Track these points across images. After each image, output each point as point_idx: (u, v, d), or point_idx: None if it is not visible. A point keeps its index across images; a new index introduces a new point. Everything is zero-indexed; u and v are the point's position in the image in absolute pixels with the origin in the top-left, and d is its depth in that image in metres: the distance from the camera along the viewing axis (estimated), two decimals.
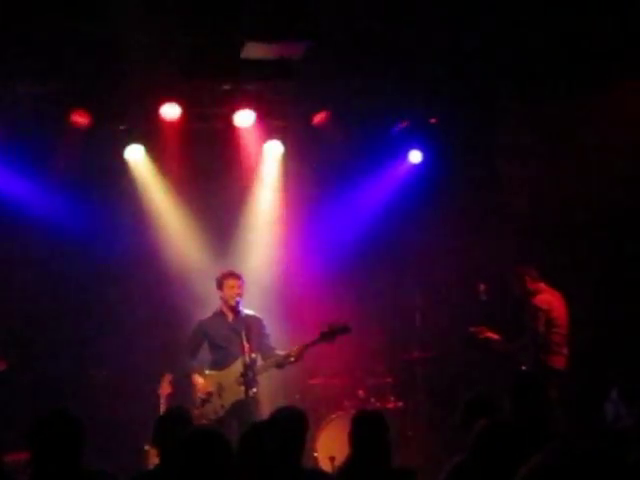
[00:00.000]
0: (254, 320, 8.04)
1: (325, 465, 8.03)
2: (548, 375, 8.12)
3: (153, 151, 9.29)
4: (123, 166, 9.27)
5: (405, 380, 9.36)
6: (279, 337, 8.33)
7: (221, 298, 8.14)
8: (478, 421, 4.99)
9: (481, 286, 8.64)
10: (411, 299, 9.75)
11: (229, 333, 8.03)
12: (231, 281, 8.07)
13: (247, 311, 8.09)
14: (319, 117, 9.29)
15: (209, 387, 7.90)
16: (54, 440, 4.05)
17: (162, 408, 7.77)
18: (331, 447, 8.09)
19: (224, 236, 9.59)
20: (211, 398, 7.88)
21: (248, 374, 7.62)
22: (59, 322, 9.06)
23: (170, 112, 8.77)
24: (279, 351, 8.00)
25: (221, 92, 8.72)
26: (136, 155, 9.29)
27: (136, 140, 9.19)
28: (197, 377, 7.97)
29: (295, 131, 9.51)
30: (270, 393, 8.59)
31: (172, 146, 9.13)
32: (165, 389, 7.93)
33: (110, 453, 8.02)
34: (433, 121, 9.51)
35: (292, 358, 7.90)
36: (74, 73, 7.93)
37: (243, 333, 7.62)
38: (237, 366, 7.75)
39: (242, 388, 7.64)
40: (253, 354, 7.76)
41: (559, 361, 8.39)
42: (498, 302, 8.87)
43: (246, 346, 7.58)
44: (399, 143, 9.74)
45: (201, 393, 7.89)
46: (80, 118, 8.71)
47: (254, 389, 7.79)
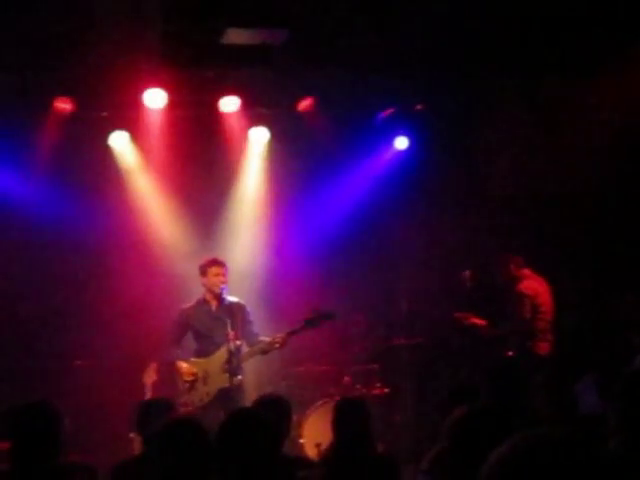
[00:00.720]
0: (238, 307, 8.00)
1: (311, 452, 8.02)
2: (533, 361, 8.17)
3: (137, 137, 9.23)
4: (107, 152, 9.22)
5: (391, 366, 9.36)
6: (264, 324, 8.31)
7: (204, 285, 8.09)
8: (457, 408, 5.02)
9: (466, 273, 8.64)
10: (396, 285, 9.76)
11: (213, 321, 8.00)
12: (215, 268, 8.02)
13: (231, 298, 8.04)
14: (304, 104, 9.26)
15: (194, 369, 7.88)
16: (32, 433, 4.07)
17: (147, 396, 7.74)
18: (317, 434, 8.08)
19: (208, 223, 9.54)
20: (196, 384, 7.87)
21: (233, 361, 7.61)
22: (42, 310, 9.02)
23: (154, 99, 8.72)
24: (264, 338, 7.99)
25: (205, 78, 8.67)
26: (120, 141, 9.23)
27: (120, 126, 9.14)
28: (181, 363, 7.94)
29: (280, 118, 9.48)
30: (256, 380, 8.60)
31: (156, 132, 9.08)
32: (150, 377, 7.91)
33: (96, 441, 8.05)
34: (419, 107, 9.48)
35: (277, 344, 7.88)
36: (56, 60, 7.88)
37: (227, 321, 7.59)
38: (222, 354, 7.72)
39: (227, 375, 7.63)
40: (238, 341, 7.73)
41: (544, 347, 8.43)
42: (483, 289, 8.87)
43: (230, 333, 7.55)
44: (385, 130, 9.71)
45: (187, 376, 7.86)
46: (63, 104, 8.66)
47: (239, 376, 7.77)
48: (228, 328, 7.56)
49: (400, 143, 9.84)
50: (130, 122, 9.07)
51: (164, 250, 9.45)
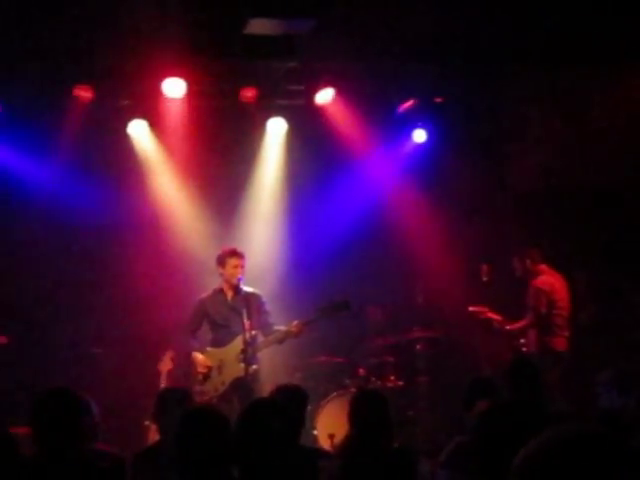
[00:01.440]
0: (254, 297, 8.01)
1: (324, 443, 8.03)
2: (549, 357, 8.15)
3: (156, 126, 9.24)
4: (126, 141, 9.23)
5: (406, 359, 9.35)
6: (280, 315, 8.30)
7: (222, 275, 8.09)
8: (479, 402, 5.03)
9: (483, 267, 8.62)
10: (413, 278, 9.74)
11: (229, 311, 8.02)
12: (234, 260, 8.01)
13: (247, 288, 8.04)
14: (323, 95, 9.24)
15: (209, 362, 7.91)
16: (55, 420, 4.07)
17: (162, 384, 7.78)
18: (331, 425, 8.08)
19: (226, 213, 9.55)
20: (211, 374, 7.89)
21: (248, 351, 7.61)
22: (60, 298, 9.04)
23: (174, 88, 8.72)
24: (279, 327, 7.99)
25: (225, 68, 8.66)
26: (139, 130, 9.25)
27: (139, 115, 9.14)
28: (197, 354, 7.97)
29: (299, 109, 9.46)
30: (271, 371, 8.60)
31: (176, 122, 9.08)
32: (166, 365, 7.95)
33: (111, 428, 8.06)
34: (439, 100, 9.45)
35: (293, 333, 7.88)
36: (77, 48, 7.89)
37: (243, 310, 7.58)
38: (237, 343, 7.74)
39: (242, 365, 7.64)
40: (253, 331, 7.74)
41: (560, 343, 8.40)
42: (500, 283, 8.84)
43: (246, 323, 7.55)
44: (404, 122, 9.69)
45: (201, 368, 7.90)
46: (83, 92, 8.66)
47: (254, 366, 7.79)
48: (244, 318, 7.56)
49: (419, 136, 9.80)
50: (150, 111, 9.07)
51: (182, 239, 9.47)
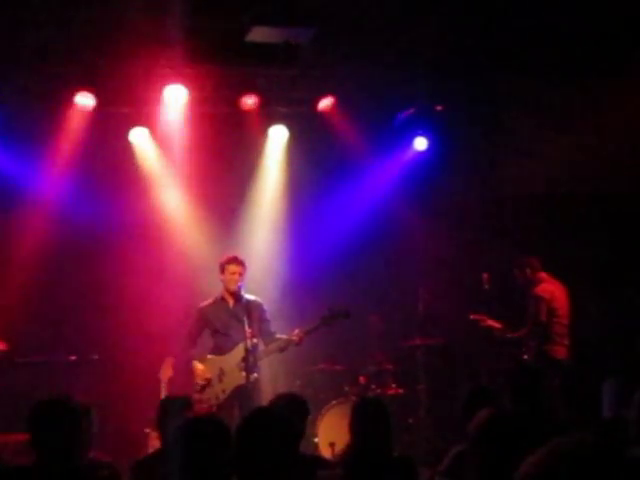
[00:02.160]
0: (255, 305, 8.01)
1: (325, 451, 8.03)
2: (550, 365, 8.13)
3: (157, 134, 9.25)
4: (127, 148, 9.24)
5: (406, 367, 9.34)
6: (281, 323, 8.31)
7: (222, 282, 8.10)
8: (479, 410, 5.01)
9: (484, 275, 8.62)
10: (413, 286, 9.74)
11: (230, 318, 8.01)
12: (232, 266, 8.03)
13: (248, 296, 8.03)
14: (324, 103, 9.25)
15: (208, 373, 7.90)
16: (54, 429, 4.04)
17: (163, 392, 7.76)
18: (331, 433, 8.09)
19: (227, 220, 9.57)
20: (212, 382, 7.88)
21: (249, 359, 7.60)
22: (60, 303, 9.04)
23: (175, 95, 8.73)
24: (280, 335, 8.00)
25: (227, 76, 8.68)
26: (140, 137, 9.26)
27: (140, 123, 9.16)
28: (197, 363, 7.97)
29: (300, 116, 9.48)
30: (271, 379, 8.60)
31: (176, 129, 9.09)
32: (166, 373, 7.92)
33: (111, 435, 8.06)
34: (439, 108, 9.46)
35: (294, 342, 7.89)
36: (79, 54, 7.90)
37: (244, 318, 7.58)
38: (238, 351, 7.73)
39: (243, 373, 7.63)
40: (254, 339, 7.74)
41: (560, 351, 8.39)
42: (501, 291, 8.84)
43: (247, 331, 7.55)
44: (404, 130, 9.70)
45: (200, 379, 7.90)
46: (84, 99, 8.67)
47: (255, 374, 7.77)
48: (245, 326, 7.56)
49: (419, 144, 9.81)
50: (150, 118, 9.08)
51: (183, 246, 9.47)
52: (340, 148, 9.44)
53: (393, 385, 9.06)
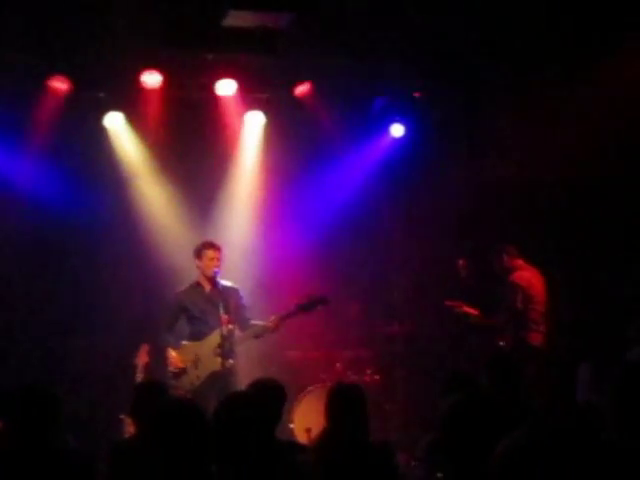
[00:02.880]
0: (232, 291, 7.99)
1: (301, 437, 8.03)
2: (526, 352, 8.17)
3: (132, 119, 9.19)
4: (102, 133, 9.16)
5: (383, 354, 9.36)
6: (258, 308, 8.30)
7: (198, 268, 8.07)
8: (450, 395, 5.03)
9: (460, 262, 8.63)
10: (390, 273, 9.75)
11: (206, 304, 7.98)
12: (210, 252, 8.00)
13: (225, 282, 8.01)
14: (301, 89, 9.21)
15: (180, 362, 7.86)
16: (27, 416, 4.05)
17: (138, 378, 7.73)
18: (307, 419, 8.10)
19: (204, 206, 9.53)
20: (187, 369, 7.86)
21: (225, 345, 7.60)
22: (36, 291, 8.98)
23: (151, 80, 8.67)
24: (256, 322, 7.99)
25: (203, 61, 8.61)
26: (115, 122, 9.18)
27: (115, 107, 9.08)
28: (170, 351, 7.92)
29: (277, 102, 9.44)
30: (247, 365, 8.58)
31: (152, 114, 9.03)
32: (142, 359, 7.88)
33: (85, 421, 8.03)
34: (416, 95, 9.46)
35: (270, 328, 7.89)
36: (54, 38, 7.81)
37: (221, 304, 7.57)
38: (214, 337, 7.71)
39: (219, 359, 7.63)
40: (230, 325, 7.72)
41: (536, 338, 8.43)
42: (477, 278, 8.86)
43: (224, 317, 7.55)
44: (382, 116, 9.69)
45: (172, 367, 7.86)
46: (59, 84, 8.59)
47: (231, 360, 7.76)
48: (221, 311, 7.55)
49: (396, 130, 9.81)
50: (126, 103, 9.01)
51: (159, 232, 9.43)
52: (317, 134, 9.43)
53: (369, 371, 9.08)
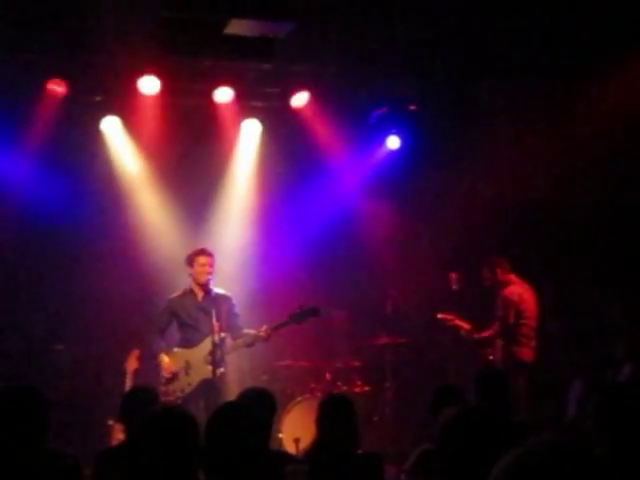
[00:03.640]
0: (224, 299, 8.00)
1: (290, 447, 8.00)
2: (516, 367, 8.17)
3: (129, 124, 9.16)
4: (98, 137, 9.15)
5: (373, 365, 9.35)
6: (250, 317, 8.30)
7: (190, 275, 8.07)
8: (445, 409, 5.03)
9: (452, 275, 8.64)
10: (382, 284, 9.74)
11: (198, 312, 7.98)
12: (202, 258, 8.01)
13: (217, 290, 8.03)
14: (299, 98, 9.22)
15: (174, 367, 7.85)
16: (15, 418, 4.03)
17: (128, 383, 7.71)
18: (296, 429, 8.07)
19: (198, 213, 9.51)
20: (177, 376, 7.84)
21: (216, 353, 7.59)
22: (23, 293, 8.95)
23: (149, 86, 8.66)
24: (248, 330, 7.98)
25: (201, 68, 8.62)
26: (112, 127, 9.17)
27: (113, 112, 9.07)
28: (163, 356, 7.92)
29: (274, 111, 9.44)
30: (238, 373, 8.57)
31: (149, 120, 9.01)
32: (132, 364, 7.86)
33: (74, 427, 7.99)
34: (412, 107, 9.48)
35: (261, 338, 7.88)
36: (53, 41, 7.80)
37: (213, 312, 7.56)
38: (206, 345, 7.70)
39: (210, 367, 7.61)
40: (222, 333, 7.71)
41: (527, 353, 8.42)
42: (469, 291, 8.86)
43: (215, 325, 7.53)
44: (378, 128, 9.70)
45: (166, 372, 7.85)
46: (57, 87, 8.57)
47: (222, 369, 7.75)
48: (213, 319, 7.54)
49: (392, 142, 9.82)
50: (123, 108, 8.99)
51: (152, 237, 9.40)
52: (313, 144, 9.42)
53: (359, 382, 9.07)
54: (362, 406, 8.44)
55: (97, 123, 9.07)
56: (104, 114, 9.05)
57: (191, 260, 8.07)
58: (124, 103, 8.91)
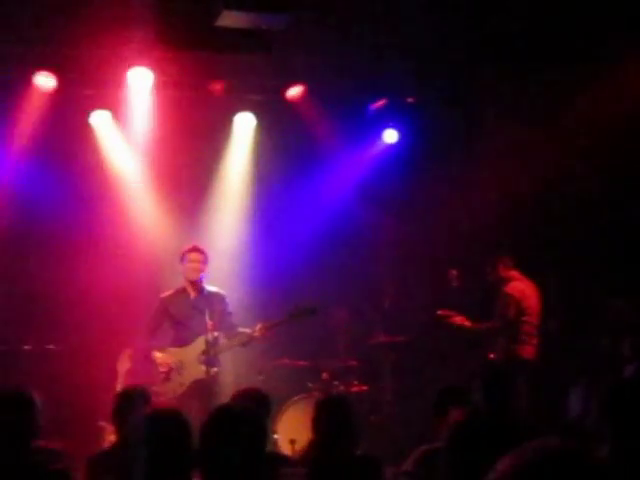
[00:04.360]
0: (217, 297, 7.90)
1: (285, 448, 7.90)
2: (517, 365, 8.05)
3: (120, 117, 9.03)
4: (88, 131, 8.99)
5: (370, 364, 9.23)
6: (245, 316, 8.18)
7: (182, 273, 7.97)
8: (450, 409, 4.92)
9: (453, 271, 8.51)
10: (380, 282, 9.64)
11: (191, 310, 7.85)
12: (193, 255, 7.90)
13: (210, 288, 7.93)
14: (294, 91, 9.08)
15: (169, 360, 7.75)
16: (4, 419, 4.00)
17: (120, 384, 7.58)
18: (292, 430, 7.96)
19: (191, 209, 9.39)
20: (171, 374, 7.71)
21: (210, 352, 7.48)
22: (14, 293, 8.81)
23: (140, 78, 8.51)
24: (242, 329, 7.86)
25: (193, 60, 8.47)
26: (102, 121, 9.03)
27: (103, 105, 8.92)
28: (156, 353, 7.80)
29: (268, 104, 9.31)
30: (232, 373, 8.46)
31: (140, 113, 8.87)
32: (124, 364, 7.74)
33: (65, 428, 7.83)
34: (410, 100, 9.36)
35: (256, 337, 7.77)
36: (41, 33, 7.65)
37: (206, 310, 7.45)
38: (199, 344, 7.58)
39: (203, 367, 7.51)
40: (215, 332, 7.60)
41: (528, 351, 8.30)
42: (469, 288, 8.73)
43: (209, 324, 7.43)
44: (375, 122, 9.59)
45: (162, 367, 7.74)
46: (45, 80, 8.42)
47: (215, 368, 7.64)
48: (206, 318, 7.42)
49: (389, 136, 9.70)
50: (114, 101, 8.86)
51: (144, 234, 9.27)
52: (309, 138, 9.30)
53: (356, 382, 8.96)
54: (360, 406, 8.34)
55: (87, 117, 8.93)
56: (94, 108, 8.89)
57: (183, 257, 7.99)
58: (114, 96, 8.77)
